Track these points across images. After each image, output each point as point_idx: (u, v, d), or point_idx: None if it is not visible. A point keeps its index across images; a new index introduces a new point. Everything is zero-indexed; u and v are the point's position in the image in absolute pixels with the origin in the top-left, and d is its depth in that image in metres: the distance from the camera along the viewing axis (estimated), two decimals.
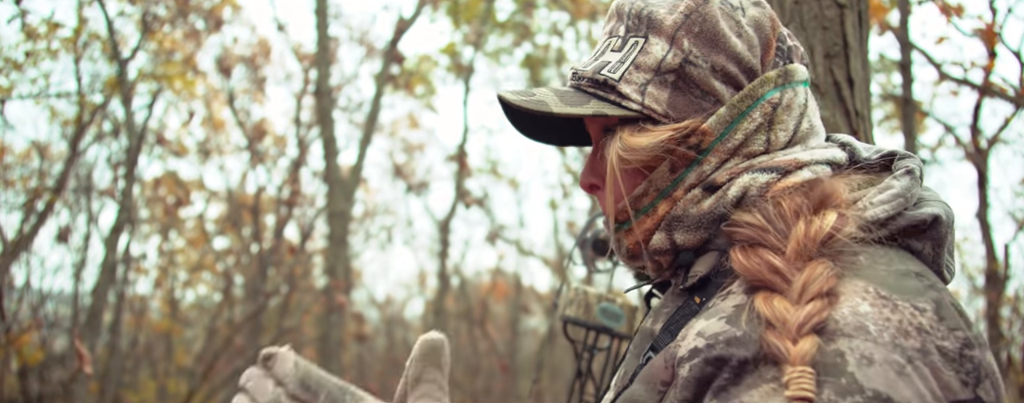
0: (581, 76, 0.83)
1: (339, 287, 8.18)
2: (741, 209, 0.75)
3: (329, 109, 8.83)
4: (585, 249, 2.08)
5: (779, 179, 0.76)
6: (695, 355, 0.65)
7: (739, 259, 0.71)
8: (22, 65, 5.29)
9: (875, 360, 0.59)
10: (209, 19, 8.84)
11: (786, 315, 0.63)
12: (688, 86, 0.78)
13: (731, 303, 0.69)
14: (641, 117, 0.78)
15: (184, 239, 11.42)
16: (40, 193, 5.86)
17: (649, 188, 0.79)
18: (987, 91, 5.04)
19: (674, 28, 0.79)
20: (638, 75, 0.79)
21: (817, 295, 0.64)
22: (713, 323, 0.67)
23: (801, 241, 0.68)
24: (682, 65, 0.78)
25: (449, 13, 10.50)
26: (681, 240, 0.78)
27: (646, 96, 0.78)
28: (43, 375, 5.33)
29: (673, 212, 0.78)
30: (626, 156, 0.78)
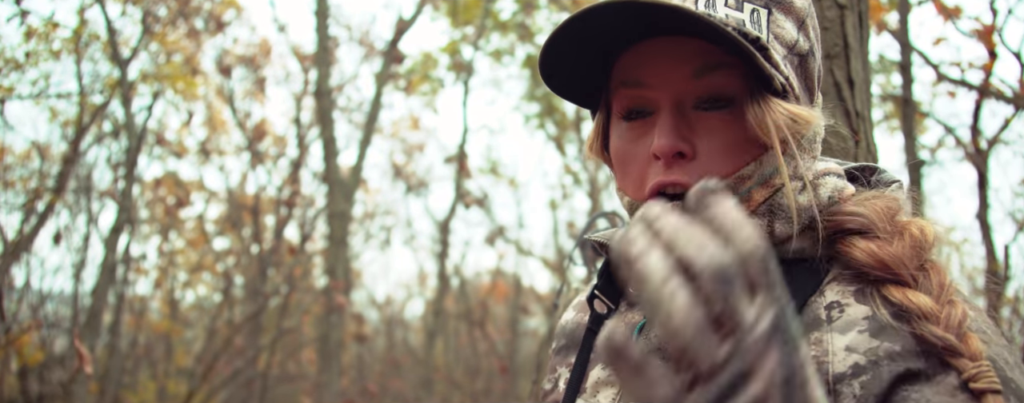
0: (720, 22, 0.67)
1: (339, 287, 8.18)
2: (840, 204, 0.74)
3: (329, 109, 8.83)
4: (585, 249, 2.08)
5: (846, 186, 0.76)
6: (862, 372, 0.63)
7: (871, 248, 0.68)
8: (23, 65, 5.29)
9: (1012, 363, 0.62)
10: (210, 21, 8.85)
11: (937, 311, 0.63)
12: (804, 75, 0.74)
13: (859, 315, 0.67)
14: (783, 90, 0.70)
15: (184, 240, 11.42)
16: (40, 194, 5.86)
17: (757, 170, 0.71)
18: (986, 92, 5.05)
19: (804, 13, 0.74)
20: (778, 46, 0.72)
21: (953, 299, 0.64)
22: (856, 337, 0.65)
23: (919, 241, 0.68)
24: (808, 53, 0.74)
25: (448, 14, 10.50)
26: (779, 231, 0.72)
27: (788, 70, 0.71)
28: (43, 376, 5.33)
29: (776, 199, 0.71)
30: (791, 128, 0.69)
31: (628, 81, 0.74)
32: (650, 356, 0.45)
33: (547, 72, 0.75)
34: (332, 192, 8.57)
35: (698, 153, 0.71)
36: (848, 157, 1.63)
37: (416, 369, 13.19)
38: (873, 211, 0.71)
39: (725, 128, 0.71)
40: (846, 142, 1.63)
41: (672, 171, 0.71)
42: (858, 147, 1.65)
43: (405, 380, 12.79)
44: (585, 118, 11.53)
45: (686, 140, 0.71)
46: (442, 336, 13.22)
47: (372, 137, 9.72)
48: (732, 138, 0.71)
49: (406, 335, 15.15)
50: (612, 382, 0.80)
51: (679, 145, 0.70)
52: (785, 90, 0.69)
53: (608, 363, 0.45)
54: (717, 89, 0.70)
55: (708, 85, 0.70)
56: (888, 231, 0.69)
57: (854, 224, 0.70)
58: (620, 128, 0.76)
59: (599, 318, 0.85)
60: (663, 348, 0.76)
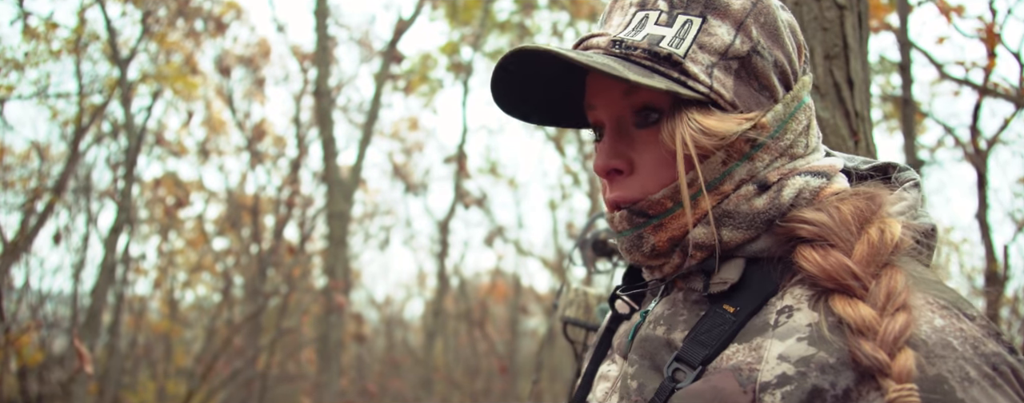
0: (631, 46, 0.73)
1: (338, 287, 8.18)
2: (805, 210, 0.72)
3: (328, 109, 8.83)
4: (585, 250, 2.08)
5: (826, 184, 0.74)
6: (786, 382, 0.62)
7: (815, 257, 0.67)
8: (22, 65, 5.29)
9: (973, 377, 0.58)
10: (210, 21, 8.85)
11: (875, 325, 0.61)
12: (750, 77, 0.74)
13: (803, 322, 0.66)
14: (708, 101, 0.72)
15: (183, 240, 11.42)
16: (40, 194, 5.85)
17: (696, 179, 0.72)
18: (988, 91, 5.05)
19: (743, 14, 0.74)
20: (703, 55, 0.72)
21: (902, 306, 0.62)
22: (793, 345, 0.64)
23: (875, 246, 0.66)
24: (749, 54, 0.73)
25: (447, 15, 10.51)
26: (728, 237, 0.73)
27: (714, 79, 0.72)
28: (42, 376, 5.32)
29: (724, 206, 0.73)
30: (702, 140, 0.70)
31: (587, 104, 0.80)
32: None
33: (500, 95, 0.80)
34: (331, 192, 8.57)
35: (636, 167, 0.75)
36: None
37: (416, 369, 13.19)
38: (836, 215, 0.69)
39: (658, 142, 0.74)
40: (845, 142, 1.64)
41: (614, 187, 0.77)
42: (857, 147, 1.66)
43: (405, 380, 12.79)
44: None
45: (622, 157, 0.76)
46: (442, 336, 13.22)
47: (372, 137, 9.72)
48: (666, 151, 0.73)
49: (405, 335, 15.16)
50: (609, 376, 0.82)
51: (610, 163, 0.76)
52: (711, 100, 0.71)
53: None
54: (644, 105, 0.75)
55: (636, 103, 0.75)
56: (846, 237, 0.68)
57: (805, 232, 0.70)
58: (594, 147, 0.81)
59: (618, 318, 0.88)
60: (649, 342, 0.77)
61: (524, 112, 0.84)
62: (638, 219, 0.75)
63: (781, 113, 0.74)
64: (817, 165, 0.76)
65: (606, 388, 0.81)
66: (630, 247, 0.77)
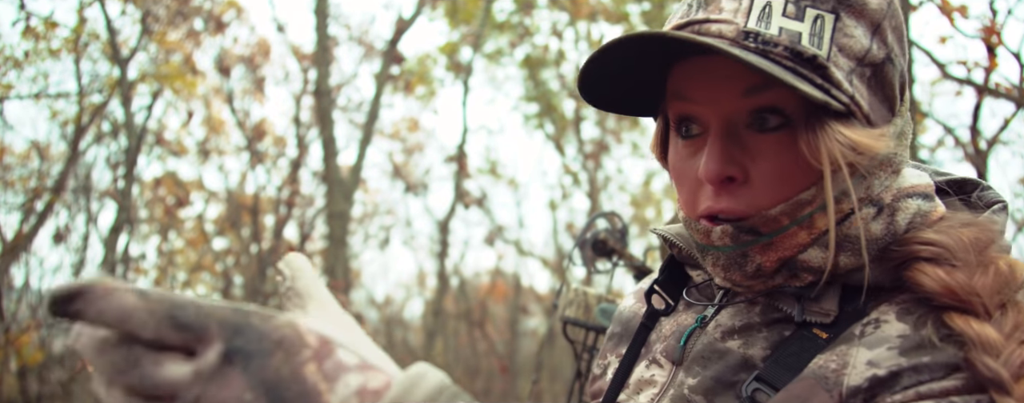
0: (769, 41, 0.63)
1: (338, 287, 8.18)
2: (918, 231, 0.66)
3: (328, 109, 8.83)
4: (585, 250, 2.08)
5: (934, 208, 0.68)
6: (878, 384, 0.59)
7: (938, 274, 0.61)
8: (22, 64, 5.29)
9: None
10: (210, 21, 8.85)
11: (999, 346, 0.56)
12: (879, 87, 0.65)
13: (893, 333, 0.61)
14: (848, 112, 0.63)
15: (183, 239, 11.42)
16: (39, 193, 5.86)
17: (818, 195, 0.64)
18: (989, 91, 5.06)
19: (880, 15, 0.65)
20: (843, 60, 0.63)
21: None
22: (883, 353, 0.60)
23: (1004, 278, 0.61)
24: (884, 61, 0.65)
25: (447, 14, 10.51)
26: (844, 263, 0.66)
27: (854, 88, 0.63)
28: (42, 375, 5.32)
29: (845, 229, 0.65)
30: (852, 158, 0.62)
31: (678, 94, 0.69)
32: None
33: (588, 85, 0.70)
34: (331, 192, 8.57)
35: (750, 177, 0.66)
36: None
37: None
38: (956, 241, 0.63)
39: (780, 150, 0.65)
40: None
41: (721, 198, 0.67)
42: None
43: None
44: (585, 118, 11.54)
45: (736, 164, 0.66)
46: (442, 336, 13.22)
47: (372, 137, 9.73)
48: (788, 161, 0.65)
49: (406, 335, 15.16)
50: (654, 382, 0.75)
51: (726, 170, 0.65)
52: (850, 110, 0.63)
53: None
54: (771, 109, 0.65)
55: (760, 104, 0.65)
56: (970, 263, 0.62)
57: (928, 253, 0.63)
58: (676, 143, 0.71)
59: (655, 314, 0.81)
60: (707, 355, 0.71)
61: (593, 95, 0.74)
62: (746, 236, 0.66)
63: (900, 127, 0.67)
64: (919, 184, 0.69)
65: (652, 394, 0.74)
66: (728, 265, 0.68)
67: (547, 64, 11.14)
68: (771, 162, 0.65)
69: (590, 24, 10.58)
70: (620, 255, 2.54)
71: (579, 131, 11.45)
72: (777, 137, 0.65)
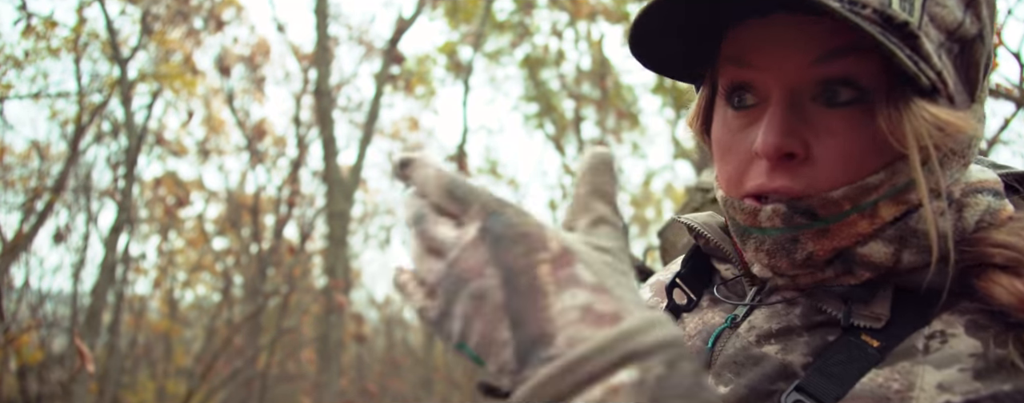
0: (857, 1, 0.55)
1: (338, 287, 8.18)
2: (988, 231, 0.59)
3: (328, 109, 8.83)
4: None
5: (1003, 205, 0.62)
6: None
7: (1015, 285, 0.54)
8: (22, 64, 5.29)
9: None
10: (210, 20, 8.85)
11: None
12: (965, 66, 0.59)
13: (965, 351, 0.54)
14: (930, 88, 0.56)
15: (183, 239, 11.42)
16: (39, 193, 5.85)
17: (887, 181, 0.58)
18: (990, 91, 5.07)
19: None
20: (933, 31, 0.56)
21: None
22: (955, 375, 0.53)
23: None
24: (974, 39, 0.58)
25: (447, 14, 10.51)
26: (908, 260, 0.59)
27: (943, 63, 0.57)
28: (42, 375, 5.32)
29: (911, 223, 0.59)
30: (940, 140, 0.56)
31: (736, 58, 0.62)
32: None
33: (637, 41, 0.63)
34: (331, 192, 8.57)
35: (813, 155, 0.59)
36: None
37: (416, 369, 13.19)
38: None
39: (850, 128, 0.58)
40: None
41: (777, 175, 0.60)
42: None
43: (405, 380, 12.80)
44: (585, 118, 11.54)
45: (798, 138, 0.59)
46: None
47: (372, 137, 9.73)
48: (858, 140, 0.58)
49: (406, 335, 15.15)
50: None
51: (788, 145, 0.58)
52: (935, 88, 0.56)
53: None
54: (843, 80, 0.58)
55: (832, 74, 0.58)
56: None
57: (1001, 258, 0.56)
58: (724, 113, 0.64)
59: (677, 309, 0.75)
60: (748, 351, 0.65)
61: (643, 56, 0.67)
62: (800, 219, 0.59)
63: (980, 113, 0.60)
64: (987, 179, 0.62)
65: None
66: (775, 251, 0.61)
67: (547, 64, 11.14)
68: (839, 140, 0.58)
69: (590, 24, 10.58)
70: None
71: (579, 131, 11.45)
72: (848, 112, 0.58)
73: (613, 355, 0.42)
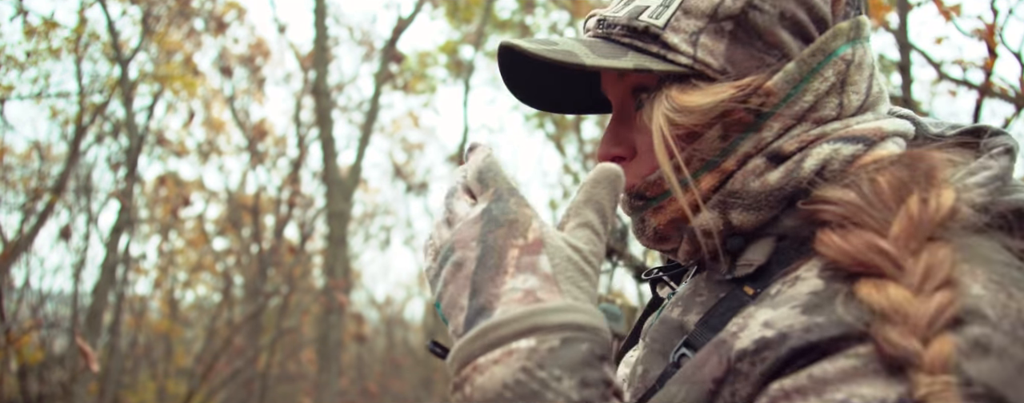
0: (612, 23, 0.69)
1: (339, 287, 8.18)
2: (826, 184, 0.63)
3: (328, 109, 8.83)
4: None
5: (866, 151, 0.64)
6: (764, 346, 0.54)
7: (835, 240, 0.57)
8: (23, 64, 5.29)
9: (991, 350, 0.48)
10: (210, 20, 8.85)
11: (908, 307, 0.50)
12: (750, 36, 0.65)
13: (804, 290, 0.57)
14: (692, 73, 0.65)
15: (184, 239, 11.42)
16: (40, 193, 5.86)
17: (693, 157, 0.66)
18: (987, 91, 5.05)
19: None
20: (688, 21, 0.66)
21: (943, 283, 0.51)
22: (784, 313, 0.56)
23: (915, 219, 0.55)
24: (744, 10, 0.65)
25: (448, 13, 10.51)
26: (739, 221, 0.66)
27: (699, 47, 0.65)
28: (43, 375, 5.32)
29: (729, 186, 0.65)
30: (678, 119, 0.65)
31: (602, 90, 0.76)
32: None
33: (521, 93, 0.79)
34: (331, 192, 8.57)
35: (637, 151, 0.72)
36: None
37: (416, 369, 13.19)
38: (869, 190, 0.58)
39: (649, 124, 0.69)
40: None
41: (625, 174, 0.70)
42: None
43: (405, 380, 12.79)
44: (585, 118, 11.54)
45: (623, 142, 0.73)
46: (442, 336, 13.21)
47: (371, 137, 9.73)
48: None
49: (406, 335, 15.15)
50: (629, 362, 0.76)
51: (611, 150, 0.73)
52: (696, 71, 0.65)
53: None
54: (639, 88, 0.71)
55: (631, 83, 0.71)
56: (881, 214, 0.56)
57: (828, 214, 0.59)
58: None
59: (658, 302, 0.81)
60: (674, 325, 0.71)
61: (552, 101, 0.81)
62: (637, 202, 0.72)
63: (794, 72, 0.65)
64: (858, 129, 0.65)
65: (625, 374, 0.74)
66: (636, 231, 0.74)
67: None
68: (645, 135, 0.70)
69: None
70: (620, 255, 2.53)
71: (579, 131, 11.45)
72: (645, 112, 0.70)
73: (520, 326, 0.52)
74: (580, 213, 0.61)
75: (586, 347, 0.52)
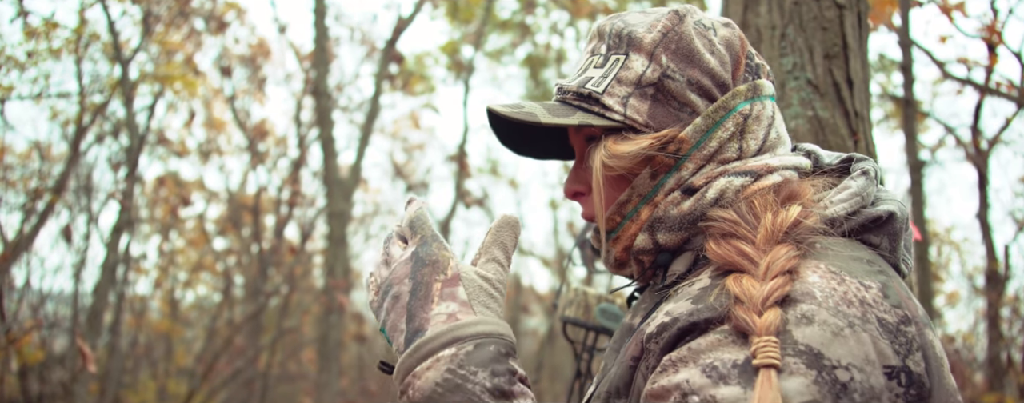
0: (566, 90, 0.90)
1: (339, 287, 8.18)
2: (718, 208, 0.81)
3: (328, 109, 8.83)
4: (584, 250, 2.08)
5: (752, 181, 0.82)
6: (663, 329, 0.72)
7: (712, 248, 0.77)
8: (23, 65, 5.29)
9: (814, 320, 0.66)
10: (211, 21, 8.85)
11: (751, 291, 0.69)
12: (666, 98, 0.85)
13: (696, 287, 0.76)
14: (624, 127, 0.85)
15: (184, 239, 11.42)
16: (41, 193, 5.86)
17: (632, 194, 0.85)
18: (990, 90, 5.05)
19: (653, 45, 0.86)
20: (620, 88, 0.86)
21: (780, 272, 0.70)
22: (680, 304, 0.74)
23: (769, 228, 0.75)
24: (661, 79, 0.85)
25: (448, 13, 10.50)
26: (663, 240, 0.84)
27: (628, 107, 0.85)
28: (43, 375, 5.33)
29: (655, 214, 0.84)
30: (610, 162, 0.84)
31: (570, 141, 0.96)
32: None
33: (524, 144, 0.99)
34: (332, 192, 8.57)
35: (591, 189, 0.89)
36: None
37: None
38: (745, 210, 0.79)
39: None
40: (845, 141, 1.63)
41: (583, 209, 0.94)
42: (857, 146, 1.65)
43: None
44: None
45: (581, 181, 0.93)
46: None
47: (371, 136, 9.72)
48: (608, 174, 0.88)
49: None
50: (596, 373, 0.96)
51: (572, 186, 0.93)
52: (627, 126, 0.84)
53: None
54: (589, 138, 0.90)
55: (585, 136, 0.91)
56: (752, 227, 0.77)
57: (714, 229, 0.79)
58: None
59: None
60: None
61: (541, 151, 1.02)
62: (600, 236, 0.89)
63: (701, 125, 0.84)
64: (750, 166, 0.83)
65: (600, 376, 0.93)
66: (604, 260, 0.91)
67: (548, 63, 11.14)
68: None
69: (591, 23, 10.57)
70: None
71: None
72: None
73: (444, 339, 0.74)
74: (489, 251, 0.85)
75: (494, 348, 0.74)
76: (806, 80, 1.65)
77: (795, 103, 1.65)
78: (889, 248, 0.81)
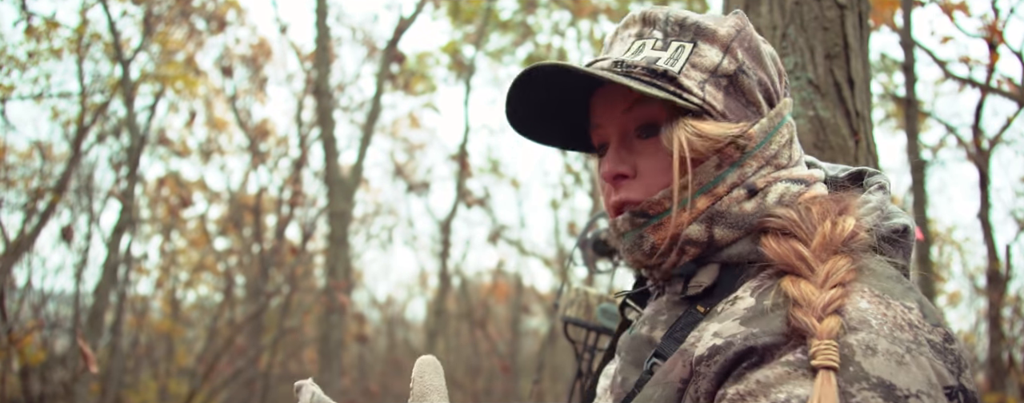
0: (631, 65, 0.85)
1: (340, 287, 8.18)
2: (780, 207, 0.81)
3: (329, 109, 8.83)
4: (586, 250, 2.08)
5: (806, 189, 0.84)
6: (716, 352, 0.71)
7: (771, 245, 0.77)
8: (24, 64, 5.29)
9: (878, 350, 0.66)
10: (211, 20, 8.85)
11: (811, 296, 0.69)
12: (738, 92, 0.84)
13: (742, 307, 0.75)
14: (701, 111, 0.82)
15: (186, 239, 11.43)
16: (42, 193, 5.86)
17: (693, 181, 0.82)
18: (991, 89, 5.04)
19: (729, 39, 0.85)
20: (695, 73, 0.83)
21: (839, 283, 0.71)
22: (728, 325, 0.73)
23: (826, 236, 0.75)
24: (736, 72, 0.84)
25: (449, 13, 10.50)
26: (719, 235, 0.82)
27: (706, 93, 0.83)
28: (45, 375, 5.33)
29: (717, 207, 0.82)
30: (696, 142, 0.81)
31: (592, 123, 0.91)
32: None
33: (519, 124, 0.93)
34: (333, 192, 8.57)
35: (639, 173, 0.86)
36: (847, 156, 1.62)
37: None
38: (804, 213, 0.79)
39: (657, 151, 0.85)
40: (846, 142, 1.63)
41: (620, 191, 0.87)
42: (858, 147, 1.65)
43: (406, 380, 12.78)
44: None
45: (626, 163, 0.87)
46: (443, 336, 13.22)
47: (372, 136, 9.72)
48: (664, 158, 0.84)
49: (407, 335, 15.16)
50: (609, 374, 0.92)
51: (618, 168, 0.86)
52: (703, 110, 0.82)
53: None
54: (645, 119, 0.86)
55: (638, 117, 0.86)
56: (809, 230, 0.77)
57: (774, 224, 0.79)
58: (596, 162, 0.93)
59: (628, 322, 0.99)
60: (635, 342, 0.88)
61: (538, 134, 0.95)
62: (639, 220, 0.85)
63: (766, 126, 0.84)
64: (799, 174, 0.85)
65: (605, 385, 0.91)
66: (631, 247, 0.86)
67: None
68: (652, 159, 0.85)
69: (592, 23, 10.57)
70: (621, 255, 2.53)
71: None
72: (654, 140, 0.85)
73: None
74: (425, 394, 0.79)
75: None
76: (807, 80, 1.65)
77: (796, 103, 1.65)
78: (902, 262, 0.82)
